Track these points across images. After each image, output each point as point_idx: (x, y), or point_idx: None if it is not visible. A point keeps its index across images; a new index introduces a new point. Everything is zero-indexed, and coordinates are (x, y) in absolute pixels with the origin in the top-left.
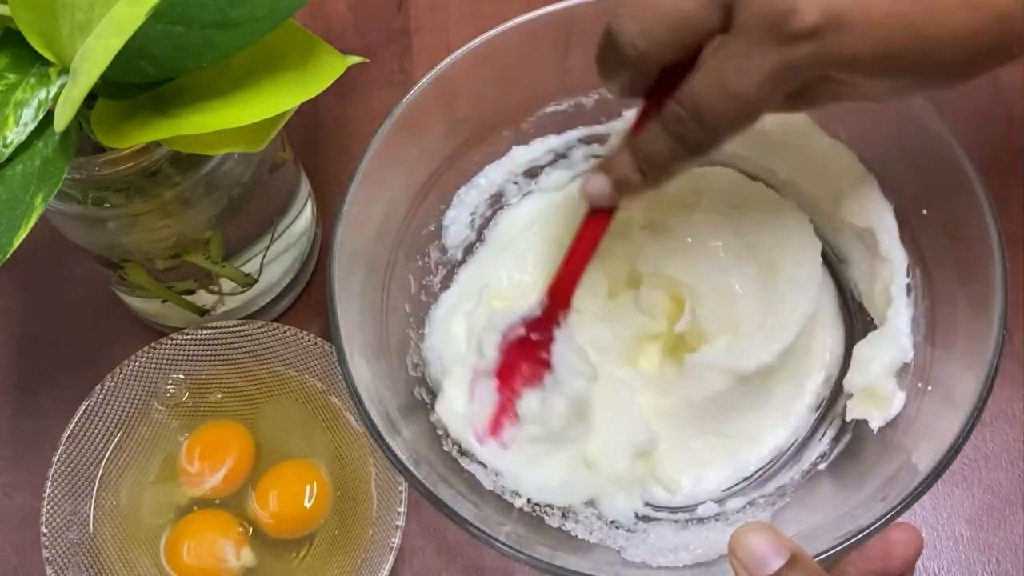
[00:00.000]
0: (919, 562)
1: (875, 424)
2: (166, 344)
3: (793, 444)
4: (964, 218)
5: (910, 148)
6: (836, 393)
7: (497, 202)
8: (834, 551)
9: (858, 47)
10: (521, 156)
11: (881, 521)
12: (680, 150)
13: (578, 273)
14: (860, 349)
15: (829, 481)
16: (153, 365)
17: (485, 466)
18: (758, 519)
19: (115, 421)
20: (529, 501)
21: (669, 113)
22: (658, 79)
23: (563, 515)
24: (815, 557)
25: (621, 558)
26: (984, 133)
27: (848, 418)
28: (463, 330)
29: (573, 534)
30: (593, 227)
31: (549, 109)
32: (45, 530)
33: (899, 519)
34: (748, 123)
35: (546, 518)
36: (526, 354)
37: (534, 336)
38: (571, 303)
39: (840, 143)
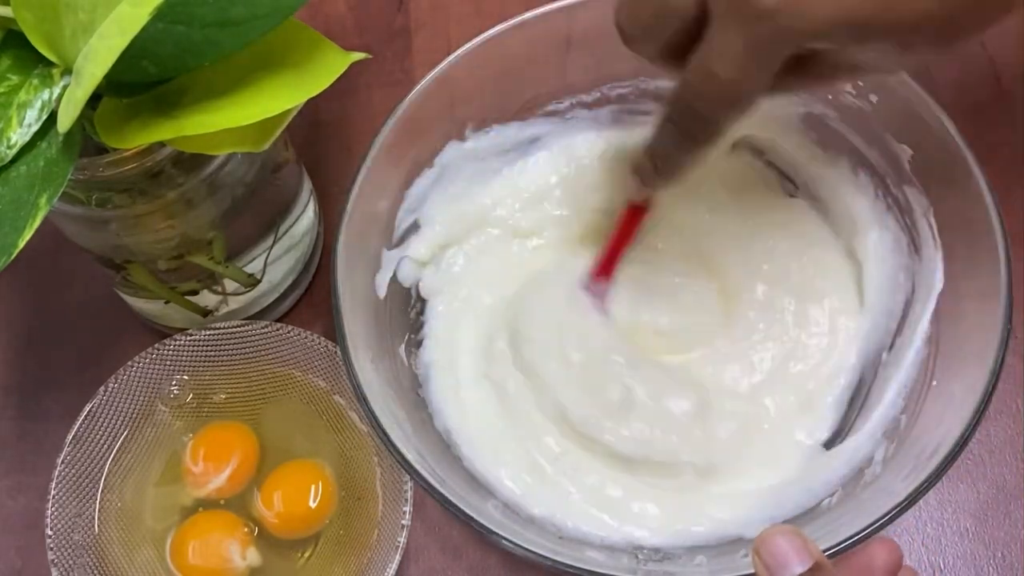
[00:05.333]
0: (924, 557)
1: None
2: (169, 345)
3: None
4: (967, 213)
5: (911, 141)
6: None
7: None
8: (840, 549)
9: (824, 19)
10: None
11: (887, 517)
12: (683, 140)
13: (615, 259)
14: None
15: None
16: (156, 366)
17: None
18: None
19: (119, 422)
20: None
21: (669, 104)
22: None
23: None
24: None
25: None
26: (986, 128)
27: None
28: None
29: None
30: (629, 219)
31: (550, 108)
32: (50, 532)
33: (900, 518)
34: (741, 106)
35: None
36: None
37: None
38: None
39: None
